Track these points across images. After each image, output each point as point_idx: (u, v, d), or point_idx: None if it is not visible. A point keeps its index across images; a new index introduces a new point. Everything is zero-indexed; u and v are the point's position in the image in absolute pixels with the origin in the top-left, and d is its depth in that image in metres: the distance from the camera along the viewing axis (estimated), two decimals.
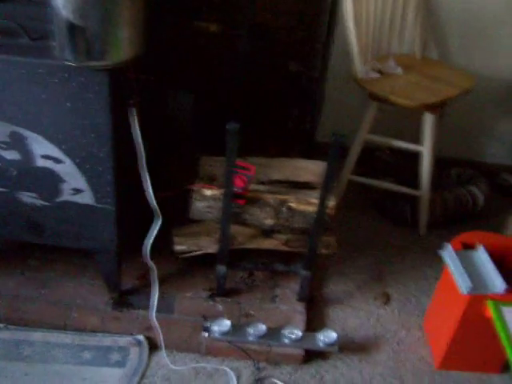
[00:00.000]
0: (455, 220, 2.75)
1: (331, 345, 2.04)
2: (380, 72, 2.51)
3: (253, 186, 2.05)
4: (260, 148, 2.56)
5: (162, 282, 2.12)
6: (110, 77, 1.63)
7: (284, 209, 2.00)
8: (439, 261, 2.18)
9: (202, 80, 2.67)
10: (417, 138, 2.57)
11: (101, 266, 2.06)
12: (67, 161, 1.79)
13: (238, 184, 1.95)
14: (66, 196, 1.87)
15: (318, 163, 2.23)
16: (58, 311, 2.07)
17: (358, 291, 2.36)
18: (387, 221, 2.77)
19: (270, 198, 2.00)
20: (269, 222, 2.03)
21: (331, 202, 1.99)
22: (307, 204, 2.01)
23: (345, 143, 1.75)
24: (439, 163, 2.78)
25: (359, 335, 2.19)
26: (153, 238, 1.95)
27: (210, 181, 2.09)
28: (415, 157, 2.64)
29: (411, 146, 2.54)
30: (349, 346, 2.13)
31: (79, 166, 1.80)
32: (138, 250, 2.02)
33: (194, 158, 2.24)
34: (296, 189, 2.10)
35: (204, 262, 2.20)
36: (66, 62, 1.58)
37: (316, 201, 1.97)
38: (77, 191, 1.85)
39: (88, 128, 1.72)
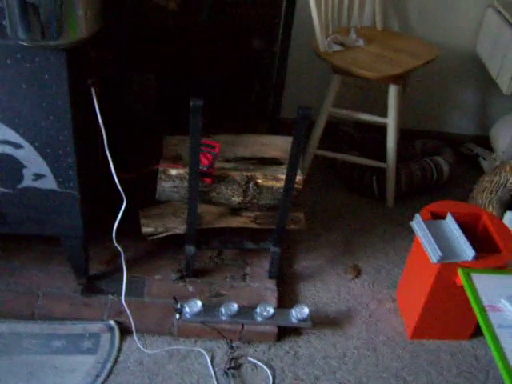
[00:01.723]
0: (421, 191, 2.77)
1: (304, 320, 2.04)
2: (342, 45, 2.49)
3: (219, 164, 2.02)
4: (224, 126, 2.54)
5: (130, 266, 2.08)
6: (67, 56, 1.57)
7: (251, 185, 1.98)
8: (408, 232, 2.20)
9: (162, 59, 2.61)
10: (381, 111, 2.57)
11: (67, 252, 2.01)
12: (26, 145, 1.73)
13: (204, 162, 1.92)
14: (28, 182, 1.81)
15: (283, 138, 2.20)
16: (25, 300, 2.01)
17: (328, 266, 2.36)
18: (354, 194, 2.78)
19: (237, 175, 1.98)
20: (236, 199, 2.01)
21: (299, 177, 1.97)
22: (274, 180, 1.99)
23: (311, 116, 1.73)
24: (403, 135, 2.79)
25: (331, 309, 2.19)
26: (118, 221, 1.91)
27: (175, 160, 2.05)
28: (379, 129, 2.64)
29: (376, 119, 2.53)
30: (322, 321, 2.13)
31: (39, 150, 1.74)
32: (105, 233, 1.97)
33: (157, 138, 2.20)
34: (263, 165, 2.08)
35: (172, 243, 2.18)
36: (19, 42, 1.53)
37: (283, 176, 1.96)
38: (38, 176, 1.80)
39: (46, 111, 1.66)
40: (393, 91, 2.43)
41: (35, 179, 1.81)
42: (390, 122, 2.49)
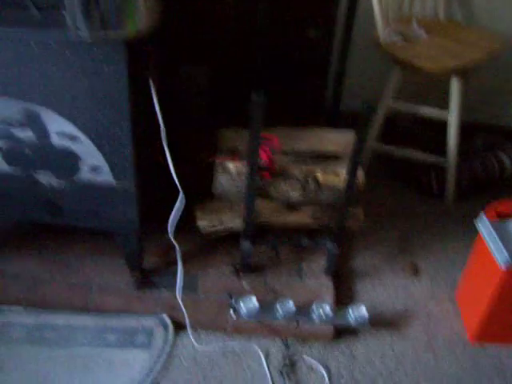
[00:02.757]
0: (482, 188, 2.63)
1: (362, 321, 1.95)
2: (403, 36, 2.38)
3: (277, 158, 1.95)
4: (281, 119, 2.46)
5: (184, 260, 2.00)
6: (127, 49, 1.51)
7: (310, 181, 1.89)
8: (469, 231, 2.09)
9: (217, 51, 2.54)
10: (441, 104, 2.46)
11: (122, 246, 1.97)
12: (83, 138, 1.69)
13: (262, 157, 1.85)
14: (84, 174, 1.76)
15: (343, 132, 2.11)
16: (78, 293, 1.98)
17: (385, 264, 2.26)
18: (412, 191, 2.66)
19: (296, 170, 1.90)
20: (295, 195, 1.93)
21: (360, 173, 1.89)
22: (335, 176, 1.90)
23: (374, 111, 1.64)
24: (463, 129, 2.66)
25: (389, 309, 2.09)
26: (176, 215, 1.85)
27: (232, 153, 1.99)
28: (439, 123, 2.52)
29: (437, 113, 2.41)
30: (379, 321, 2.03)
31: (96, 142, 1.69)
32: (160, 226, 1.93)
33: (212, 131, 2.14)
34: (322, 160, 2.00)
35: (227, 238, 2.11)
36: (79, 34, 1.47)
37: (344, 172, 1.87)
38: (94, 169, 1.75)
39: (104, 103, 1.61)
40: (456, 85, 2.30)
41: (91, 172, 1.76)
42: (452, 117, 2.37)
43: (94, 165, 1.75)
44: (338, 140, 2.08)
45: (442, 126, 2.47)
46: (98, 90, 1.59)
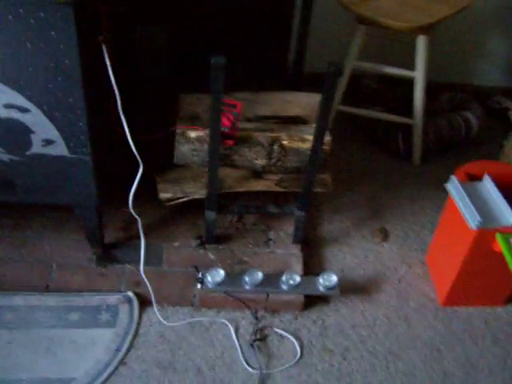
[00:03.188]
0: (449, 148, 2.59)
1: (332, 288, 1.90)
2: None
3: (240, 124, 1.86)
4: (243, 83, 2.36)
5: (147, 233, 1.91)
6: (75, 11, 1.38)
7: (276, 147, 1.81)
8: (437, 192, 2.06)
9: (174, 12, 2.42)
10: (406, 63, 2.38)
11: (81, 220, 1.86)
12: (34, 109, 1.56)
13: (225, 123, 1.74)
14: (37, 148, 1.64)
15: (307, 95, 2.02)
16: (38, 272, 1.88)
17: (354, 229, 2.20)
18: (378, 152, 2.60)
19: (261, 137, 1.80)
20: (260, 162, 1.84)
21: (327, 138, 1.81)
22: (301, 141, 1.81)
23: (341, 73, 1.56)
24: (429, 88, 2.59)
25: (359, 275, 2.05)
26: (135, 187, 1.76)
27: (193, 120, 1.88)
28: (404, 83, 2.45)
29: (403, 72, 2.33)
30: (349, 288, 1.99)
31: (48, 114, 1.57)
32: (120, 199, 1.83)
33: (171, 96, 2.03)
34: (287, 124, 1.90)
35: (190, 208, 2.02)
36: None
37: (310, 137, 1.79)
38: (48, 142, 1.63)
39: (54, 71, 1.48)
40: (422, 43, 2.22)
41: (45, 145, 1.65)
42: (418, 75, 2.30)
43: (47, 138, 1.62)
44: (303, 103, 1.98)
45: (408, 85, 2.41)
46: (46, 57, 1.46)
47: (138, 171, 1.73)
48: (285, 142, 1.81)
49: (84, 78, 1.52)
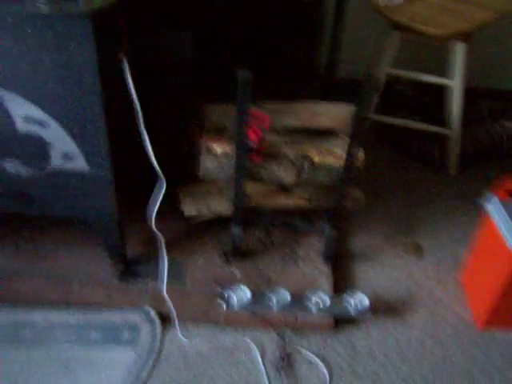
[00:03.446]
0: (487, 159, 2.44)
1: (362, 309, 1.79)
2: None
3: (268, 137, 1.75)
4: (271, 89, 2.25)
5: (170, 247, 1.83)
6: (94, 23, 1.30)
7: (305, 163, 1.70)
8: (473, 205, 1.93)
9: (200, 16, 2.32)
10: (440, 68, 2.25)
11: (101, 235, 1.79)
12: (52, 123, 1.48)
13: (252, 138, 1.65)
14: (55, 162, 1.56)
15: (338, 106, 1.90)
16: (58, 287, 1.80)
17: (386, 244, 2.08)
18: (413, 163, 2.46)
19: (290, 152, 1.70)
20: (288, 178, 1.73)
21: (360, 153, 1.70)
22: (331, 157, 1.70)
23: (380, 87, 1.45)
24: (467, 95, 2.45)
25: (391, 295, 1.92)
26: (158, 204, 1.67)
27: (219, 133, 1.79)
28: (439, 90, 2.32)
29: (440, 80, 2.21)
30: (381, 308, 1.87)
31: (67, 128, 1.48)
32: (142, 211, 1.76)
33: (197, 107, 1.93)
34: (316, 138, 1.80)
35: (215, 222, 1.93)
36: (37, 7, 1.26)
37: (341, 152, 1.69)
38: (67, 157, 1.55)
39: (73, 85, 1.40)
40: (460, 50, 2.09)
41: (63, 159, 1.56)
42: (456, 83, 2.16)
43: (65, 151, 1.55)
44: (333, 115, 1.87)
45: (443, 92, 2.28)
46: (64, 70, 1.37)
47: (160, 187, 1.66)
48: (315, 159, 1.70)
49: (103, 92, 1.43)
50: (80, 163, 1.57)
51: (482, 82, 2.67)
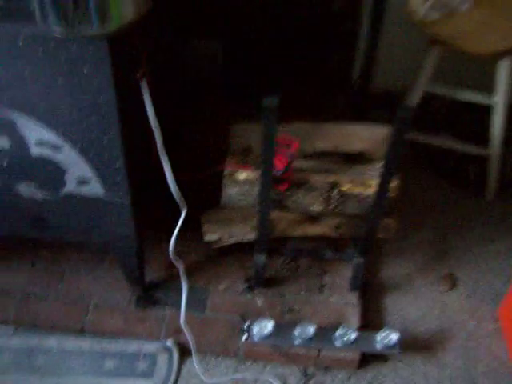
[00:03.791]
0: None
1: (391, 346, 1.66)
2: (444, 8, 2.01)
3: (296, 162, 1.63)
4: (304, 101, 2.13)
5: (190, 273, 1.73)
6: (110, 45, 1.19)
7: (335, 193, 1.58)
8: None
9: (230, 24, 2.20)
10: (482, 84, 2.09)
11: (119, 260, 1.70)
12: (67, 147, 1.38)
13: (278, 166, 1.52)
14: (71, 187, 1.46)
15: (372, 128, 1.76)
16: (74, 311, 1.71)
17: (418, 274, 1.93)
18: (447, 184, 2.28)
19: (318, 181, 1.56)
20: (316, 208, 1.60)
21: (394, 181, 1.57)
22: (363, 186, 1.56)
23: (412, 116, 1.31)
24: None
25: (422, 329, 1.78)
26: (176, 232, 1.56)
27: (245, 154, 1.67)
28: (478, 106, 2.16)
29: (481, 98, 2.05)
30: (410, 344, 1.73)
31: (82, 153, 1.38)
32: (162, 235, 1.66)
33: (223, 126, 1.82)
34: (348, 163, 1.67)
35: (238, 247, 1.79)
36: (51, 29, 1.16)
37: (373, 181, 1.56)
38: (82, 182, 1.45)
39: (88, 109, 1.30)
40: (504, 67, 1.93)
41: (79, 185, 1.46)
42: (499, 101, 1.99)
43: (81, 176, 1.45)
44: (366, 137, 1.73)
45: (482, 110, 2.13)
46: (78, 93, 1.27)
47: (180, 213, 1.55)
48: (345, 188, 1.56)
49: (121, 116, 1.32)
50: (96, 188, 1.46)
51: None
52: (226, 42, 2.24)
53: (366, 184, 1.56)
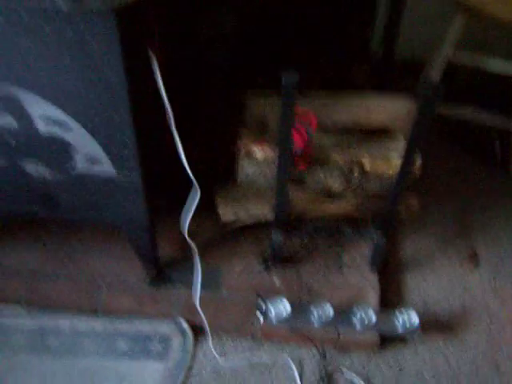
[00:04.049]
0: None
1: (412, 328, 1.60)
2: None
3: (314, 138, 1.54)
4: (316, 67, 2.02)
5: (204, 252, 1.67)
6: (119, 19, 1.10)
7: (357, 173, 1.50)
8: None
9: None
10: (509, 55, 1.98)
11: (132, 240, 1.63)
12: (76, 126, 1.30)
13: (298, 143, 1.44)
14: (80, 165, 1.38)
15: (396, 101, 1.66)
16: (85, 291, 1.66)
17: (440, 251, 1.86)
18: (473, 159, 2.19)
19: (339, 159, 1.49)
20: (337, 188, 1.53)
21: (418, 161, 1.49)
22: (386, 164, 1.49)
23: (441, 96, 1.22)
24: None
25: (444, 309, 1.72)
26: (191, 213, 1.50)
27: (260, 129, 1.59)
28: (505, 78, 2.05)
29: (509, 67, 1.95)
30: (432, 325, 1.66)
31: (92, 132, 1.30)
32: (177, 212, 1.60)
33: (237, 97, 1.73)
34: (369, 138, 1.59)
35: (254, 225, 1.73)
36: (55, 4, 1.08)
37: (397, 160, 1.48)
38: (93, 162, 1.37)
39: (96, 86, 1.21)
40: None
41: (89, 164, 1.39)
42: None
43: (90, 154, 1.37)
44: (388, 109, 1.64)
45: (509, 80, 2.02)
46: (88, 71, 1.18)
47: (194, 194, 1.47)
48: (366, 166, 1.49)
49: (131, 93, 1.24)
50: (107, 167, 1.39)
51: None
52: (241, 14, 2.13)
53: (389, 163, 1.48)
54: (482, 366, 1.60)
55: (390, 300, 1.71)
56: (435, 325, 1.68)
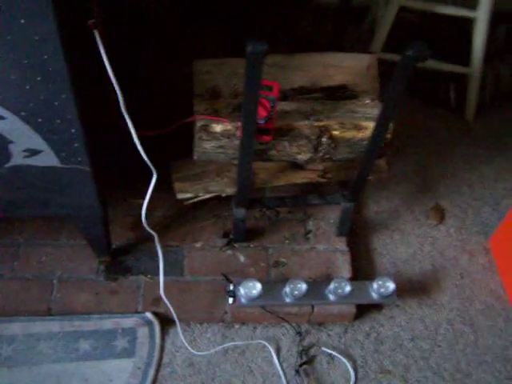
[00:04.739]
0: (507, 99, 2.07)
1: (388, 295, 1.52)
2: None
3: (277, 108, 1.40)
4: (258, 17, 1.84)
5: (162, 232, 1.53)
6: None
7: (324, 140, 1.36)
8: (495, 154, 1.64)
9: None
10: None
11: (83, 230, 1.46)
12: (8, 115, 1.11)
13: (261, 113, 1.29)
14: (18, 160, 1.19)
15: (351, 56, 1.53)
16: (37, 290, 1.48)
17: (404, 208, 1.78)
18: (424, 105, 2.09)
19: (305, 128, 1.33)
20: (303, 156, 1.38)
21: (391, 124, 1.36)
22: (355, 129, 1.35)
23: (426, 58, 1.10)
24: None
25: (414, 269, 1.66)
26: (147, 199, 1.34)
27: (213, 98, 1.43)
28: (456, 21, 1.95)
29: (462, 12, 1.83)
30: (404, 287, 1.60)
31: (28, 121, 1.11)
32: (124, 188, 1.44)
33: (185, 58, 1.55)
34: (332, 101, 1.45)
35: (212, 198, 1.60)
36: None
37: (367, 123, 1.35)
38: (32, 153, 1.19)
39: (31, 69, 1.02)
40: None
41: (28, 156, 1.20)
42: (481, 15, 1.79)
43: (30, 148, 1.18)
44: (347, 67, 1.49)
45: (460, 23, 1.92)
46: (18, 51, 0.99)
47: (151, 178, 1.32)
48: (336, 133, 1.35)
49: (72, 75, 1.05)
50: (50, 159, 1.20)
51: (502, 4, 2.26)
52: None
53: (358, 127, 1.35)
54: (458, 324, 1.56)
55: (360, 265, 1.63)
56: (408, 287, 1.61)
